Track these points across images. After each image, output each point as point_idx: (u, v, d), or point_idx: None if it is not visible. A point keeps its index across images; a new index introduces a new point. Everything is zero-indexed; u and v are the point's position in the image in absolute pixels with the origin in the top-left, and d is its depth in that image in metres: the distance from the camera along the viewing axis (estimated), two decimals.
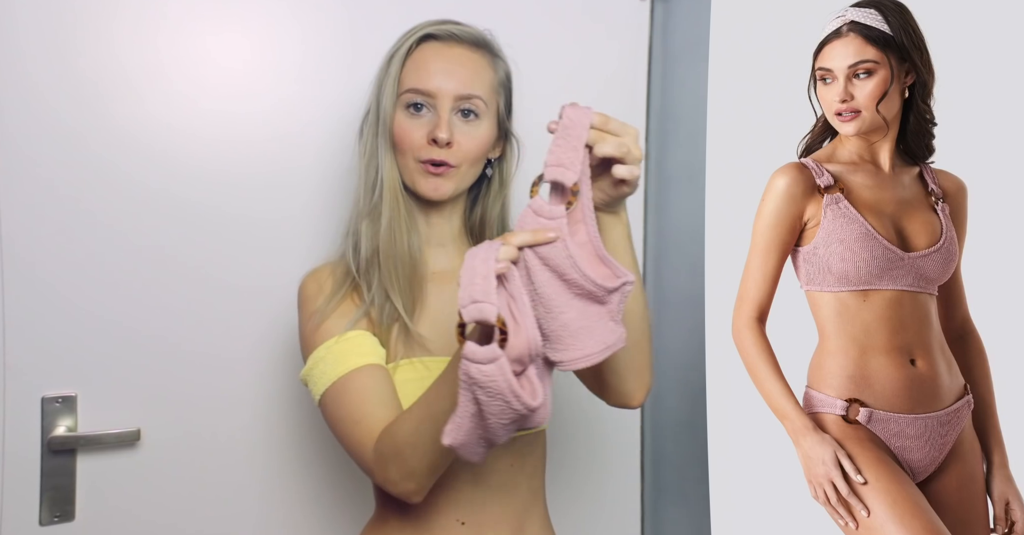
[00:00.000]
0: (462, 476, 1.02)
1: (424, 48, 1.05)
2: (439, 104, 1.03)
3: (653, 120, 1.65)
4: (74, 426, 1.24)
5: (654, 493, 1.69)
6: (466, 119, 1.05)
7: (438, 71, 1.04)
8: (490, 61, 1.09)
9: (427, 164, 1.03)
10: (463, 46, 1.07)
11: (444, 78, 1.03)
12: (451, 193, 1.06)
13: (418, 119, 1.03)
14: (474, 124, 1.05)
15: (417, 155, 1.03)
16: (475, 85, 1.05)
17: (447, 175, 1.04)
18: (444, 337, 1.05)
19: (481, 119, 1.05)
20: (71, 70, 1.23)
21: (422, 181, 1.04)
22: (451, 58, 1.05)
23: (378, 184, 1.06)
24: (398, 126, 1.04)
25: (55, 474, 1.23)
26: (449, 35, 1.07)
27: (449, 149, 1.03)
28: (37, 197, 1.22)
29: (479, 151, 1.06)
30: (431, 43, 1.06)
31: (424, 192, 1.04)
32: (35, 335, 1.22)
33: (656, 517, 1.69)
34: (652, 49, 1.64)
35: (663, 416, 1.68)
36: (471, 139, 1.05)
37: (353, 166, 1.12)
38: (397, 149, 1.04)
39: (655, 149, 1.66)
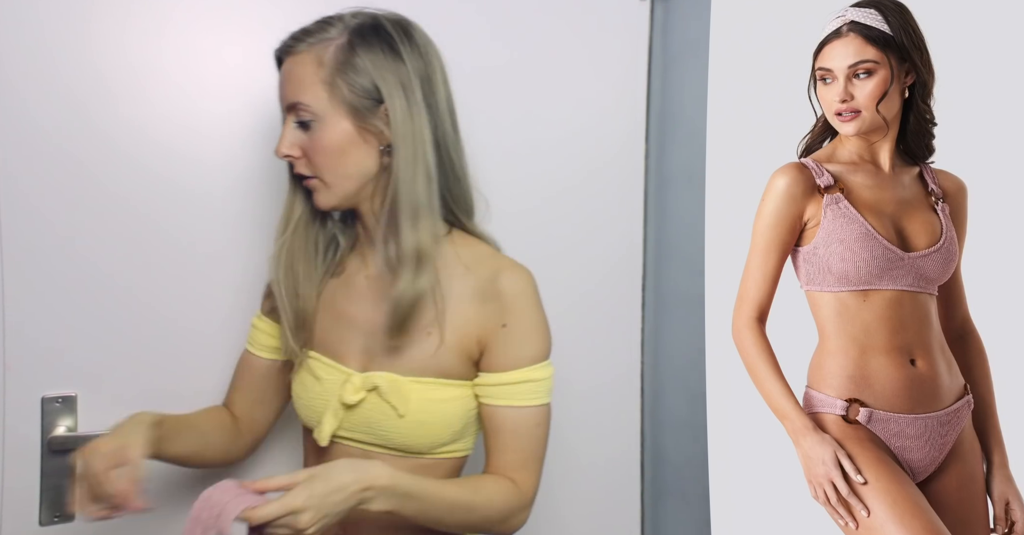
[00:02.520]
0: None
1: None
2: (286, 119, 1.03)
3: (653, 120, 1.65)
4: (74, 426, 1.24)
5: (654, 493, 1.70)
6: (303, 129, 1.01)
7: (279, 88, 1.03)
8: (315, 55, 0.99)
9: (301, 180, 1.04)
10: (290, 54, 1.01)
11: (280, 93, 1.03)
12: (332, 204, 1.04)
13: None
14: (312, 132, 1.00)
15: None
16: (296, 92, 1.00)
17: (317, 188, 1.03)
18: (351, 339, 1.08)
19: (315, 124, 0.99)
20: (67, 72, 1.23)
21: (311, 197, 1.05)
22: (284, 71, 1.02)
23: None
24: None
25: (55, 474, 1.23)
26: (284, 51, 1.02)
27: (299, 161, 1.02)
28: (37, 197, 1.22)
29: (325, 158, 1.00)
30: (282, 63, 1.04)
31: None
32: (35, 335, 1.22)
33: (656, 517, 1.69)
34: (652, 49, 1.64)
35: (663, 416, 1.68)
36: (312, 148, 1.00)
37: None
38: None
39: (655, 149, 1.66)
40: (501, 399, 1.05)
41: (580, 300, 1.60)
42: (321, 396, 1.07)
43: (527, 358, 1.06)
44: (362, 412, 1.04)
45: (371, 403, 1.04)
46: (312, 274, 1.09)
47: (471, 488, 1.01)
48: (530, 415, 1.06)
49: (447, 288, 1.04)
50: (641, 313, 1.66)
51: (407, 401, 1.03)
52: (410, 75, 1.00)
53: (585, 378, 1.61)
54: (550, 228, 1.57)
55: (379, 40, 1.00)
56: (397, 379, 1.03)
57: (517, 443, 1.05)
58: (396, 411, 1.03)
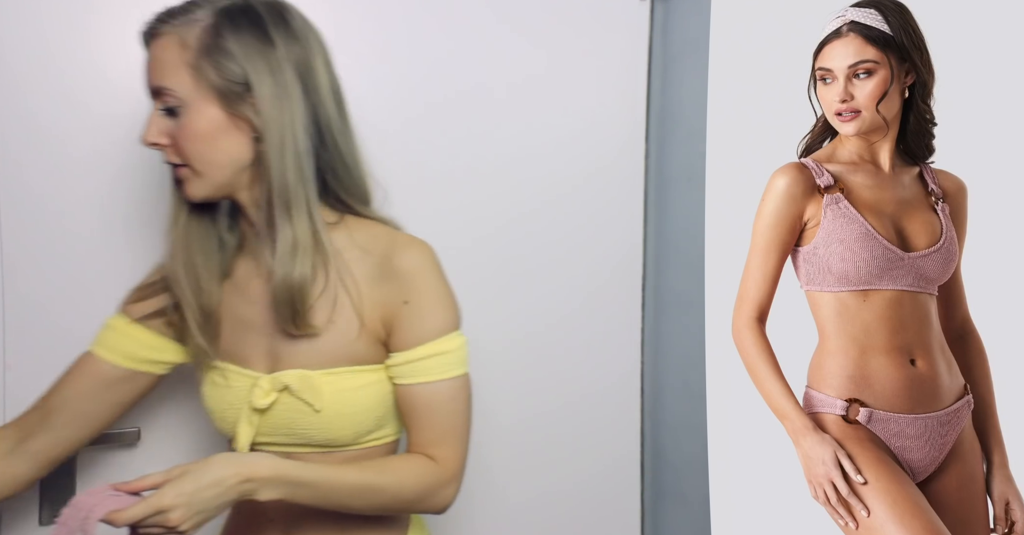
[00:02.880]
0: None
1: None
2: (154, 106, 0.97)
3: (653, 120, 1.65)
4: None
5: (654, 493, 1.70)
6: (170, 116, 0.95)
7: (145, 72, 0.97)
8: (178, 38, 0.93)
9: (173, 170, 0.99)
10: (158, 36, 0.95)
11: (146, 78, 0.96)
12: (202, 195, 0.98)
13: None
14: (178, 119, 0.94)
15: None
16: (161, 76, 0.94)
17: (187, 177, 0.97)
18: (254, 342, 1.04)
19: (181, 110, 0.94)
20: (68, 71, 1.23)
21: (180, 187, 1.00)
22: (150, 55, 0.96)
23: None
24: None
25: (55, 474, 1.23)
26: (149, 33, 0.96)
27: (167, 149, 0.96)
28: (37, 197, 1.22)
29: (192, 146, 0.95)
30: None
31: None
32: (35, 335, 1.22)
33: (656, 517, 1.69)
34: (652, 49, 1.64)
35: (663, 416, 1.68)
36: (179, 135, 0.95)
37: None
38: None
39: (655, 149, 1.66)
40: (412, 377, 1.01)
41: (580, 300, 1.60)
42: (233, 405, 1.03)
43: (433, 331, 1.01)
44: (277, 414, 1.01)
45: (284, 404, 1.00)
46: (212, 268, 1.04)
47: (376, 470, 0.98)
48: (444, 389, 1.02)
49: (346, 273, 1.00)
50: (641, 313, 1.66)
51: (320, 395, 0.99)
52: (281, 60, 0.95)
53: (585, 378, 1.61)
54: (550, 228, 1.57)
55: (248, 23, 0.95)
56: (306, 374, 1.00)
57: (433, 419, 1.01)
58: (311, 407, 0.99)
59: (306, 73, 0.97)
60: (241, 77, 0.93)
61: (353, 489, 0.95)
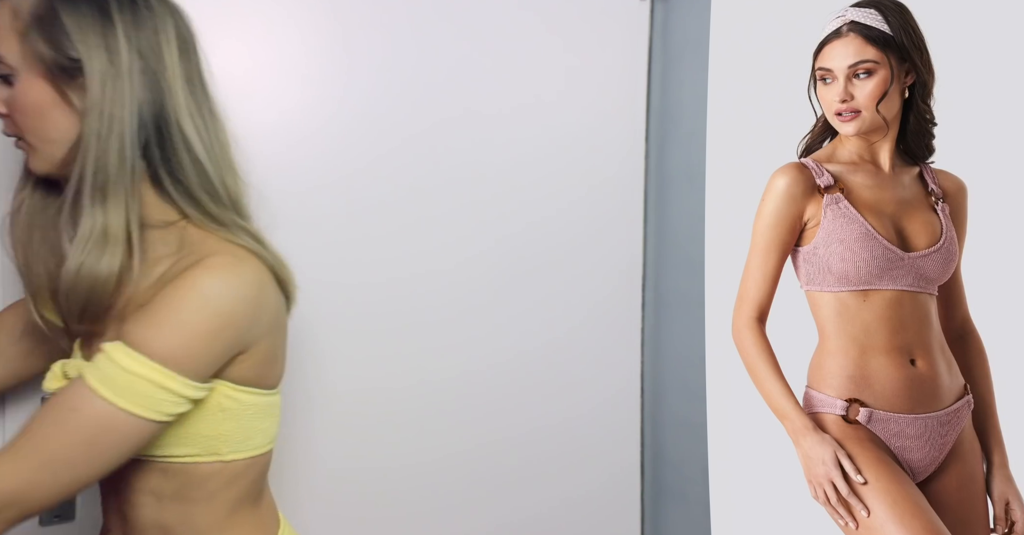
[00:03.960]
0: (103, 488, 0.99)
1: None
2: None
3: (653, 120, 1.65)
4: None
5: (654, 493, 1.70)
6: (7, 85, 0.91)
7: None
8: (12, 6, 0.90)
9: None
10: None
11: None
12: (44, 169, 0.93)
13: None
14: (11, 89, 0.90)
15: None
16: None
17: (26, 151, 0.93)
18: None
19: (16, 80, 0.89)
20: None
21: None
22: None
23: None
24: None
25: None
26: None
27: (7, 120, 0.92)
28: None
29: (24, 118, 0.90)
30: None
31: None
32: None
33: (656, 517, 1.69)
34: (652, 49, 1.64)
35: (663, 416, 1.68)
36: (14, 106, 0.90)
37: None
38: None
39: (655, 149, 1.66)
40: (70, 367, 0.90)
41: (580, 300, 1.60)
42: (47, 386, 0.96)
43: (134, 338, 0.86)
44: None
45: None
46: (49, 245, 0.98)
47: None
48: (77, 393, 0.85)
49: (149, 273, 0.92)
50: (641, 313, 1.66)
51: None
52: (119, 40, 0.90)
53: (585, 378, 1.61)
54: (551, 229, 1.57)
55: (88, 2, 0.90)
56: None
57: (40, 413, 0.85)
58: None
59: (151, 57, 0.92)
60: (72, 53, 0.88)
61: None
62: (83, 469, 0.85)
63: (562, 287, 1.58)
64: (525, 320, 1.55)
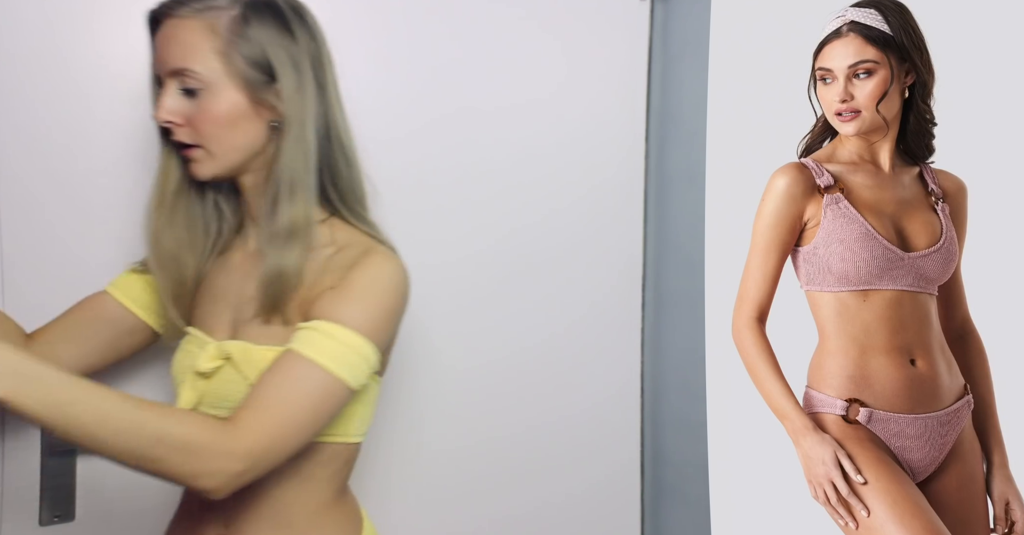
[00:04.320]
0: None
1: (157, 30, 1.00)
2: (164, 84, 0.98)
3: (653, 120, 1.65)
4: None
5: (654, 493, 1.70)
6: (189, 96, 0.97)
7: (156, 50, 0.98)
8: (210, 25, 0.96)
9: (178, 149, 1.00)
10: (176, 17, 0.97)
11: (160, 57, 0.98)
12: (211, 175, 1.00)
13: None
14: (198, 100, 0.97)
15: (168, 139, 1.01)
16: (185, 58, 0.95)
17: (197, 158, 0.99)
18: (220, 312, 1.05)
19: (204, 93, 0.96)
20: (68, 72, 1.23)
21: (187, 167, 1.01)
22: (164, 34, 0.98)
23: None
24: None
25: (55, 474, 1.23)
26: (162, 12, 0.98)
27: (182, 130, 0.98)
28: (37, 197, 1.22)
29: (213, 127, 0.97)
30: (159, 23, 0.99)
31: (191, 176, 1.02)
32: None
33: (656, 517, 1.69)
34: (652, 49, 1.64)
35: (663, 416, 1.68)
36: (197, 116, 0.97)
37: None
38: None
39: (655, 149, 1.66)
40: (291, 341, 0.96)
41: (580, 300, 1.60)
42: (181, 370, 1.04)
43: (338, 316, 0.95)
44: (218, 383, 1.00)
45: (226, 374, 0.99)
46: (196, 241, 1.06)
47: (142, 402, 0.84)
48: (298, 365, 0.92)
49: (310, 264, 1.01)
50: (641, 313, 1.67)
51: (257, 369, 0.96)
52: (301, 54, 1.00)
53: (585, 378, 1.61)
54: (550, 228, 1.57)
55: (272, 16, 0.99)
56: (250, 347, 0.98)
57: (265, 383, 0.92)
58: (247, 379, 0.97)
59: (319, 70, 1.01)
60: (266, 67, 0.97)
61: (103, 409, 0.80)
62: (307, 434, 0.93)
63: (562, 286, 1.58)
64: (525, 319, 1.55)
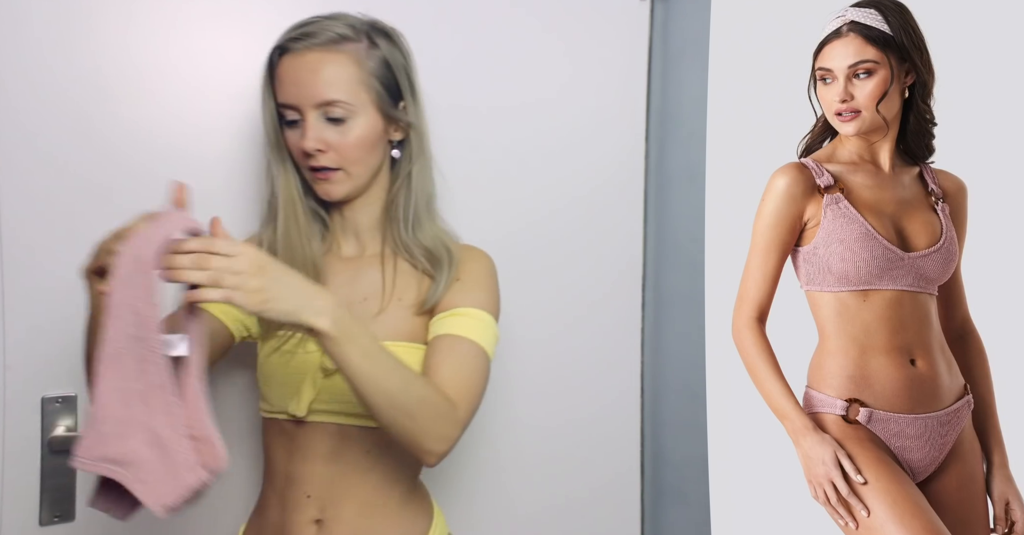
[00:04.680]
0: (317, 452, 1.09)
1: (283, 62, 1.07)
2: (304, 115, 1.05)
3: (653, 120, 1.65)
4: (74, 426, 1.24)
5: (654, 493, 1.69)
6: (335, 124, 1.06)
7: (295, 83, 1.05)
8: (352, 56, 1.06)
9: (314, 171, 1.08)
10: (317, 50, 1.05)
11: (301, 89, 1.05)
12: (345, 194, 1.10)
13: (295, 131, 1.07)
14: (344, 127, 1.06)
15: (304, 164, 1.08)
16: (332, 89, 1.04)
17: (334, 179, 1.08)
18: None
19: (350, 120, 1.06)
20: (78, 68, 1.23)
21: (316, 187, 1.10)
22: (304, 67, 1.05)
23: (273, 195, 1.12)
24: (286, 139, 1.09)
25: (55, 474, 1.23)
26: (296, 42, 1.05)
27: (325, 155, 1.06)
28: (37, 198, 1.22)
29: (358, 151, 1.07)
30: (287, 56, 1.06)
31: (321, 196, 1.10)
32: (35, 335, 1.22)
33: (656, 517, 1.69)
34: (652, 49, 1.64)
35: (663, 416, 1.68)
36: (344, 142, 1.06)
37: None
38: (292, 160, 1.10)
39: (655, 149, 1.66)
40: (443, 329, 1.07)
41: (580, 300, 1.60)
42: (299, 370, 1.09)
43: (470, 301, 1.10)
44: (338, 379, 1.06)
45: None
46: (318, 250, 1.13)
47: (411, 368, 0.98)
48: (465, 344, 1.06)
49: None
50: (641, 313, 1.66)
51: None
52: (411, 71, 1.12)
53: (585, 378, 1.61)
54: (550, 228, 1.57)
55: (391, 43, 1.10)
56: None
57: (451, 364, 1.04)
58: None
59: (417, 87, 1.13)
60: (395, 91, 1.09)
61: (395, 365, 0.93)
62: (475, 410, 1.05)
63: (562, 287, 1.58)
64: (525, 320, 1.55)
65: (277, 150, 1.10)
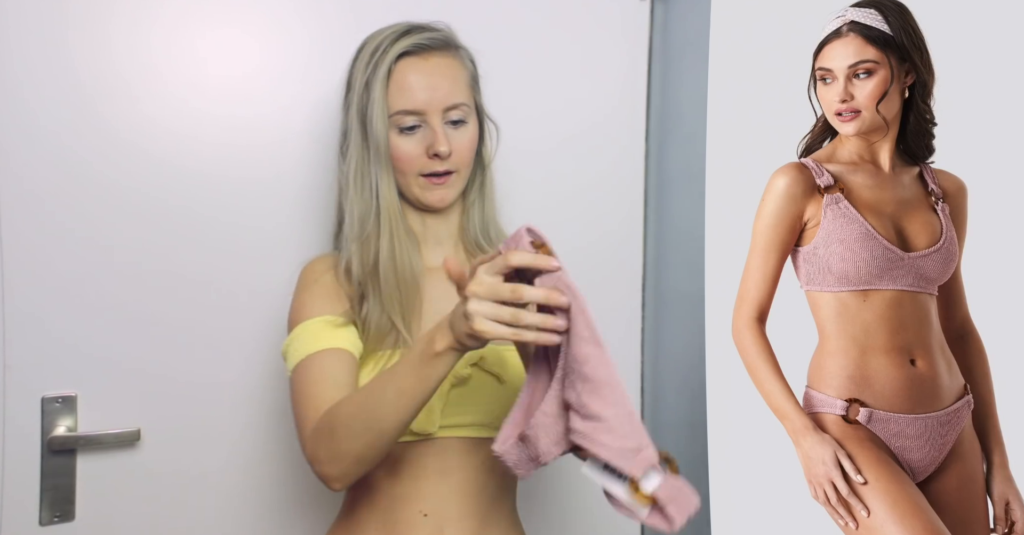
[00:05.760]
0: (429, 469, 1.05)
1: (402, 66, 1.06)
2: (430, 119, 1.06)
3: (653, 120, 1.65)
4: (74, 426, 1.24)
5: None
6: (456, 127, 1.08)
7: (422, 88, 1.05)
8: (461, 60, 1.11)
9: (430, 178, 1.07)
10: (437, 54, 1.08)
11: (429, 93, 1.05)
12: (454, 199, 1.11)
13: (413, 137, 1.06)
14: (463, 129, 1.08)
15: (419, 171, 1.07)
16: (457, 93, 1.07)
17: (449, 183, 1.09)
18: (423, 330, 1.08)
19: (468, 122, 1.09)
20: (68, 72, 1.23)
21: (427, 194, 1.08)
22: (430, 71, 1.07)
23: (373, 210, 1.07)
24: (396, 148, 1.06)
25: (55, 474, 1.23)
26: (421, 47, 1.07)
27: (449, 159, 1.07)
28: (37, 198, 1.22)
29: (471, 152, 1.10)
30: (407, 59, 1.06)
31: (431, 203, 1.09)
32: (35, 335, 1.22)
33: None
34: (652, 49, 1.64)
35: (663, 416, 1.68)
36: (464, 144, 1.08)
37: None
38: (397, 170, 1.07)
39: (655, 149, 1.66)
40: None
41: None
42: None
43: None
44: (466, 388, 1.06)
45: (475, 378, 1.07)
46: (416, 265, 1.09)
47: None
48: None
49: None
50: (641, 313, 1.66)
51: (506, 367, 1.07)
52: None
53: None
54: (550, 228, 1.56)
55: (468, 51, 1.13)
56: (496, 348, 1.07)
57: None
58: (497, 378, 1.06)
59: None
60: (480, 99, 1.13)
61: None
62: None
63: None
64: None
65: (384, 161, 1.06)
